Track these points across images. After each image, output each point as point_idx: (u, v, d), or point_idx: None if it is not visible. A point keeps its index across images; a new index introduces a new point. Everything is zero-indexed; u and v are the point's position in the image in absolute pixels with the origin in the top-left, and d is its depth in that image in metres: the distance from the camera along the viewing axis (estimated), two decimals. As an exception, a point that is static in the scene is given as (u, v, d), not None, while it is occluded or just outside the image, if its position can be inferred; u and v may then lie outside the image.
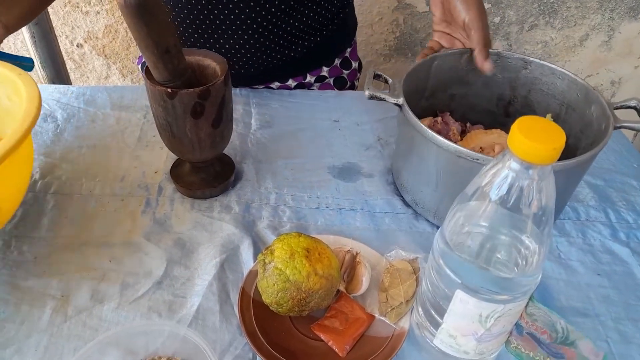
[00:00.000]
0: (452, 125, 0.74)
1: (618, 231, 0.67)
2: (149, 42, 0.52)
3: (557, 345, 0.43)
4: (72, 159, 0.73)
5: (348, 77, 0.97)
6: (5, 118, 0.61)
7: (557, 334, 0.43)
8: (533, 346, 0.46)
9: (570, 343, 0.43)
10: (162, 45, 0.53)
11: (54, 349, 0.51)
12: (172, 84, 0.56)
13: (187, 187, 0.67)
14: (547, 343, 0.44)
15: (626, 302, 0.58)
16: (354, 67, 0.97)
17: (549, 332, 0.43)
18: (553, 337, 0.43)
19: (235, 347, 0.52)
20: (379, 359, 0.50)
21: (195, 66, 0.61)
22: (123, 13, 0.49)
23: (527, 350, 0.46)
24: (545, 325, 0.43)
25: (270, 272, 0.50)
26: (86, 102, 0.83)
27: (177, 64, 0.55)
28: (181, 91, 0.56)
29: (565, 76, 0.68)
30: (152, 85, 0.56)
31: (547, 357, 0.45)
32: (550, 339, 0.44)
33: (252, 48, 0.83)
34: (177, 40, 0.55)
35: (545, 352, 0.45)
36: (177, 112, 0.57)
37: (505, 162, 0.37)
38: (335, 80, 0.95)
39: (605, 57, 1.54)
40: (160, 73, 0.55)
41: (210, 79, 0.59)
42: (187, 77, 0.57)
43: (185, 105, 0.57)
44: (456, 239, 0.42)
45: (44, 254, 0.60)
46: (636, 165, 0.78)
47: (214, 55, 0.62)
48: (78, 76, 1.52)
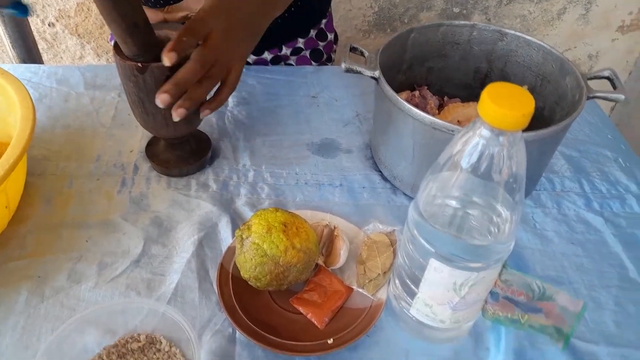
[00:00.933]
0: (430, 99, 0.74)
1: (592, 201, 0.68)
2: (115, 15, 0.51)
3: (535, 302, 0.44)
4: (45, 139, 0.72)
5: (324, 49, 0.96)
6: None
7: (533, 292, 0.44)
8: (510, 308, 0.47)
9: (548, 297, 0.43)
10: (129, 19, 0.52)
11: (31, 329, 0.51)
12: (143, 59, 0.55)
13: (163, 165, 0.66)
14: (524, 302, 0.45)
15: (599, 270, 0.60)
16: (330, 39, 0.97)
17: (525, 292, 0.44)
18: (530, 297, 0.44)
19: (215, 323, 0.52)
20: (357, 330, 0.50)
21: (165, 41, 0.59)
22: None
23: (504, 312, 0.47)
24: (521, 287, 0.44)
25: (248, 247, 0.50)
26: (58, 82, 0.81)
27: (146, 38, 0.54)
28: (152, 65, 0.55)
29: (540, 48, 0.69)
30: (122, 60, 0.55)
31: (525, 315, 0.46)
32: (527, 298, 0.44)
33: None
34: (144, 14, 0.54)
35: (523, 311, 0.46)
36: (148, 87, 0.56)
37: (476, 130, 0.37)
38: (311, 52, 0.95)
39: (583, 31, 1.55)
40: (129, 48, 0.54)
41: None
42: (157, 52, 0.56)
43: (157, 80, 0.55)
44: (430, 209, 0.42)
45: (19, 235, 0.59)
46: (610, 137, 0.79)
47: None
48: (51, 57, 1.48)
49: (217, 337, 0.51)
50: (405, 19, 1.47)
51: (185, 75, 0.55)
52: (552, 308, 0.44)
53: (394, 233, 0.58)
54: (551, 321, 0.45)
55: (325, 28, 0.95)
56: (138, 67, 0.55)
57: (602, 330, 0.54)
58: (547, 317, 0.45)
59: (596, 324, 0.54)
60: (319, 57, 0.96)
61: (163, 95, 0.54)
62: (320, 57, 0.96)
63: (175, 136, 0.65)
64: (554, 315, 0.45)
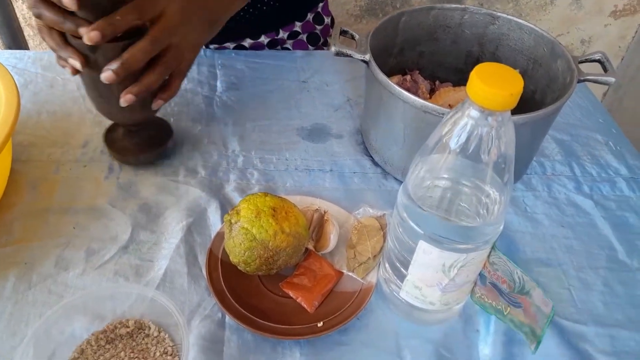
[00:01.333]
0: (421, 83, 0.73)
1: (582, 184, 0.68)
2: None
3: (515, 294, 0.44)
4: (31, 125, 0.71)
5: (321, 32, 0.96)
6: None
7: (514, 283, 0.44)
8: (495, 296, 0.47)
9: (526, 292, 0.44)
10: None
11: (19, 315, 0.51)
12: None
13: (120, 153, 0.64)
14: (507, 292, 0.45)
15: (588, 251, 0.60)
16: (327, 23, 0.96)
17: (508, 281, 0.44)
18: (511, 287, 0.44)
19: (204, 308, 0.52)
20: (347, 313, 0.50)
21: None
22: None
23: (490, 300, 0.47)
24: (505, 274, 0.44)
25: (237, 231, 0.50)
26: (44, 68, 0.80)
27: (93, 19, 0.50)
28: (103, 44, 0.51)
29: (532, 31, 0.68)
30: (73, 38, 0.53)
31: (508, 306, 0.46)
32: (509, 288, 0.44)
33: None
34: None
35: (506, 302, 0.46)
36: (101, 68, 0.53)
37: (464, 111, 0.36)
38: (308, 36, 0.94)
39: (576, 16, 1.54)
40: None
41: (141, 32, 0.54)
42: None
43: (110, 61, 0.53)
44: (419, 192, 0.42)
45: (5, 221, 0.58)
46: (601, 120, 0.79)
47: None
48: (37, 43, 1.46)
49: (207, 322, 0.51)
50: (397, 4, 1.46)
51: (134, 54, 0.51)
52: (528, 305, 0.44)
53: (384, 217, 0.57)
54: (528, 320, 0.45)
55: (322, 12, 0.95)
56: (89, 46, 0.51)
57: (590, 311, 0.54)
58: (525, 314, 0.45)
59: (584, 304, 0.55)
60: (316, 41, 0.95)
61: (108, 73, 0.51)
62: (317, 40, 0.96)
63: (132, 122, 0.63)
64: (530, 314, 0.45)
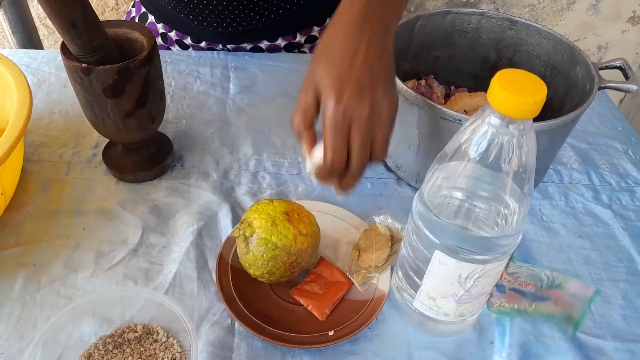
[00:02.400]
0: (436, 88, 0.72)
1: (600, 194, 0.67)
2: (50, 13, 0.48)
3: (543, 291, 0.43)
4: (43, 125, 0.71)
5: None
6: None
7: (542, 282, 0.42)
8: (517, 299, 0.45)
9: (557, 285, 0.42)
10: (65, 18, 0.48)
11: (27, 317, 0.50)
12: (90, 58, 0.52)
13: (117, 170, 0.63)
14: (532, 292, 0.44)
15: (607, 263, 0.58)
16: None
17: (534, 283, 0.42)
18: (538, 286, 0.43)
19: (214, 314, 0.51)
20: (358, 322, 0.49)
21: (123, 39, 0.57)
22: None
23: (511, 304, 0.46)
24: (529, 278, 0.43)
25: (256, 244, 0.49)
26: (57, 67, 0.80)
27: (86, 39, 0.50)
28: (97, 68, 0.51)
29: (551, 36, 0.67)
30: (66, 59, 0.52)
31: (532, 304, 0.45)
32: (535, 288, 0.43)
33: (240, 4, 0.81)
34: (89, 14, 0.50)
35: (531, 300, 0.44)
36: (95, 91, 0.53)
37: (484, 118, 0.35)
38: None
39: (593, 21, 1.52)
40: (71, 47, 0.51)
41: (138, 54, 0.54)
42: (106, 52, 0.53)
43: (104, 83, 0.52)
44: (435, 200, 0.41)
45: (15, 222, 0.58)
46: (620, 128, 0.77)
47: (142, 27, 0.57)
48: (52, 43, 1.47)
49: (216, 328, 0.50)
50: (412, 7, 1.45)
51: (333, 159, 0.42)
52: (560, 296, 0.43)
53: (401, 231, 0.56)
54: (559, 308, 0.44)
55: None
56: (82, 69, 0.51)
57: (609, 324, 0.53)
58: (555, 304, 0.44)
59: (603, 318, 0.53)
60: None
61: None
62: None
63: (129, 141, 0.62)
64: (562, 303, 0.43)
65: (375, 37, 0.43)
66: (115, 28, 0.57)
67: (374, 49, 0.43)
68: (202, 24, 0.84)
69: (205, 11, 0.82)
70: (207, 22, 0.83)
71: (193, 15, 0.83)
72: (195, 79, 0.79)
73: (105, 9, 1.41)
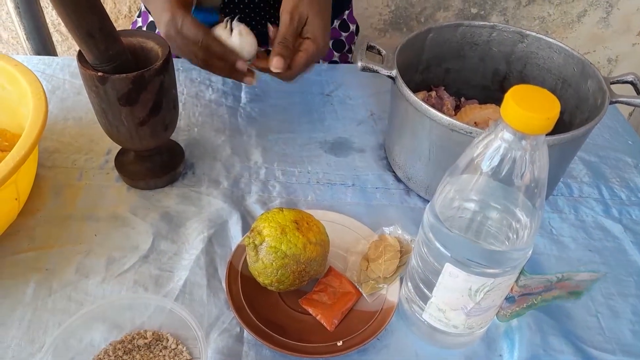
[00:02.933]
0: (447, 99, 0.72)
1: (611, 207, 0.66)
2: (68, 22, 0.49)
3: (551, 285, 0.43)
4: (57, 131, 0.72)
5: (346, 39, 0.96)
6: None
7: (552, 282, 0.43)
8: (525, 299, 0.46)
9: (566, 279, 0.43)
10: (82, 28, 0.49)
11: (38, 322, 0.51)
12: (105, 67, 0.53)
13: (129, 177, 0.64)
14: (540, 291, 0.44)
15: (617, 277, 0.58)
16: (352, 30, 0.97)
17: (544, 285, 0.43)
18: (548, 285, 0.43)
19: (223, 322, 0.51)
20: (367, 332, 0.49)
21: (138, 49, 0.58)
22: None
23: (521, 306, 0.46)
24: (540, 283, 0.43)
25: (265, 252, 0.49)
26: (71, 74, 0.81)
27: (103, 49, 0.52)
28: (112, 77, 0.52)
29: (562, 50, 0.67)
30: (83, 68, 0.53)
31: (538, 297, 0.45)
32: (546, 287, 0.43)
33: (256, 7, 0.82)
34: (106, 24, 0.51)
35: (539, 294, 0.45)
36: (110, 99, 0.54)
37: (497, 133, 0.36)
38: (334, 43, 0.95)
39: (603, 34, 1.52)
40: (87, 56, 0.52)
41: (153, 63, 0.55)
42: (122, 61, 0.54)
43: (118, 92, 0.53)
44: (446, 212, 0.41)
45: (28, 227, 0.59)
46: (631, 142, 0.77)
47: (156, 37, 0.58)
48: (65, 49, 1.48)
49: (225, 336, 0.50)
50: (422, 19, 1.46)
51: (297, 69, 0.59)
52: (565, 285, 0.43)
53: (410, 243, 0.56)
54: (565, 289, 0.44)
55: (348, 19, 0.96)
56: (98, 77, 0.52)
57: (618, 339, 0.52)
58: (560, 289, 0.45)
59: (613, 333, 0.53)
60: (341, 48, 0.96)
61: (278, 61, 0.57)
62: (342, 47, 0.96)
63: (142, 149, 0.62)
64: (568, 286, 0.44)
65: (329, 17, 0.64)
66: (131, 37, 0.58)
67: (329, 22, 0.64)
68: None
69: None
70: None
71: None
72: (207, 87, 0.80)
73: (119, 17, 1.43)
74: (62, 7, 0.48)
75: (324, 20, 0.61)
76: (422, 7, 1.43)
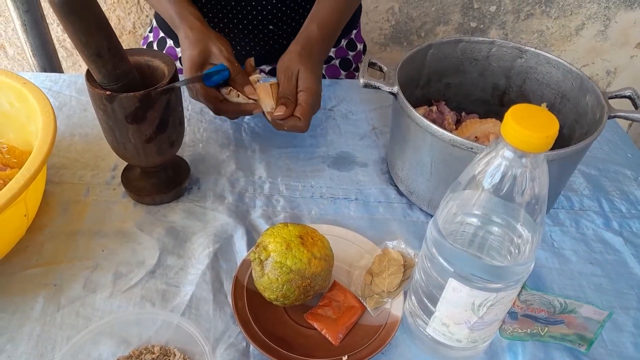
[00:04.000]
0: (447, 114, 0.74)
1: (611, 220, 0.67)
2: (77, 42, 0.50)
3: (556, 316, 0.44)
4: (64, 147, 0.73)
5: (353, 58, 0.98)
6: (6, 122, 0.65)
7: (555, 308, 0.43)
8: (529, 324, 0.46)
9: (570, 311, 0.43)
10: (91, 48, 0.50)
11: (46, 337, 0.51)
12: (113, 86, 0.54)
13: (136, 193, 0.64)
14: (544, 317, 0.44)
15: (618, 290, 0.59)
16: (359, 49, 0.99)
17: (547, 309, 0.43)
18: (551, 312, 0.44)
19: (229, 336, 0.52)
20: (372, 347, 0.50)
21: (144, 67, 0.59)
22: (53, 10, 0.48)
23: (524, 329, 0.47)
24: (542, 305, 0.43)
25: (271, 267, 0.50)
26: (78, 91, 0.82)
27: (111, 68, 0.53)
28: (120, 95, 0.53)
29: (560, 65, 0.68)
30: (91, 87, 0.54)
31: (545, 327, 0.46)
32: (548, 314, 0.44)
33: (265, 28, 0.85)
34: (114, 43, 0.52)
35: (544, 324, 0.45)
36: (117, 117, 0.55)
37: (498, 151, 0.36)
38: (341, 61, 0.97)
39: (601, 47, 1.53)
40: (96, 75, 0.54)
41: (159, 81, 0.56)
42: (130, 80, 0.55)
43: (126, 110, 0.54)
44: (449, 227, 0.42)
45: (36, 242, 0.60)
46: (630, 155, 0.78)
47: (162, 56, 0.60)
48: (70, 64, 1.50)
49: (231, 351, 0.51)
50: (422, 33, 1.48)
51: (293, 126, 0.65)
52: (572, 320, 0.44)
53: (414, 257, 0.57)
54: (573, 330, 0.45)
55: (355, 38, 0.97)
56: (106, 96, 0.53)
57: (620, 352, 0.53)
58: (568, 327, 0.45)
59: (614, 346, 0.53)
60: (348, 67, 0.98)
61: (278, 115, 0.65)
62: (349, 66, 0.98)
63: (148, 165, 0.63)
64: (575, 325, 0.44)
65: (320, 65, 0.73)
66: (137, 56, 0.59)
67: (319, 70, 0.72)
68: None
69: (230, 34, 0.85)
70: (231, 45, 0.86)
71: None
72: (211, 103, 0.81)
73: (123, 32, 1.45)
74: (72, 28, 0.49)
75: (315, 73, 0.68)
76: (422, 22, 1.45)
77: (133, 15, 1.41)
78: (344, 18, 0.78)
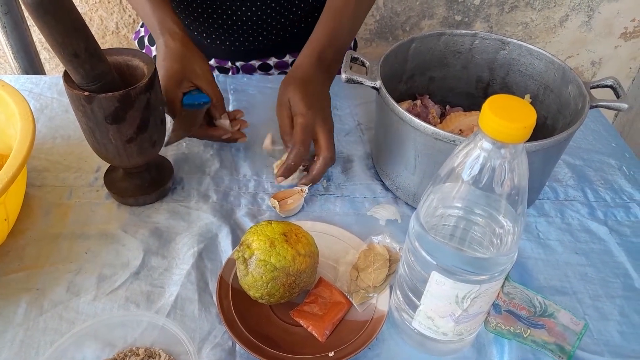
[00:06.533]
0: (432, 108, 0.73)
1: (596, 210, 0.67)
2: (53, 43, 0.49)
3: (536, 318, 0.44)
4: (45, 149, 0.72)
5: None
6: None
7: (535, 308, 0.43)
8: (513, 321, 0.46)
9: (549, 315, 0.43)
10: (68, 49, 0.50)
11: (29, 342, 0.51)
12: (92, 86, 0.53)
13: (119, 194, 0.64)
14: (526, 317, 0.44)
15: (603, 279, 0.59)
16: (350, 47, 0.97)
17: (527, 307, 0.43)
18: (532, 312, 0.44)
19: (215, 336, 0.52)
20: (358, 342, 0.50)
21: (124, 67, 0.58)
22: (27, 11, 0.47)
23: (507, 326, 0.47)
24: (523, 302, 0.43)
25: (255, 265, 0.49)
26: (59, 93, 0.81)
27: (88, 68, 0.52)
28: (99, 96, 0.52)
29: (542, 56, 0.68)
30: (69, 88, 0.53)
31: (527, 329, 0.46)
32: (529, 313, 0.44)
33: (254, 24, 0.84)
34: (91, 44, 0.51)
35: (526, 325, 0.45)
36: (97, 118, 0.54)
37: (477, 142, 0.36)
38: None
39: (586, 38, 1.54)
40: (74, 76, 0.53)
41: (139, 80, 0.55)
42: (108, 80, 0.54)
43: (105, 111, 0.54)
44: (431, 220, 0.42)
45: (18, 246, 0.59)
46: (614, 144, 0.78)
47: (142, 55, 0.59)
48: (53, 66, 1.48)
49: (217, 351, 0.51)
50: (407, 27, 1.47)
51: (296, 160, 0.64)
52: (553, 326, 0.44)
53: (399, 251, 0.57)
54: (553, 338, 0.45)
55: None
56: (85, 97, 0.53)
57: (606, 341, 0.53)
58: (549, 333, 0.45)
59: (601, 335, 0.54)
60: None
61: (280, 179, 0.65)
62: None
63: (130, 166, 0.62)
64: (555, 333, 0.44)
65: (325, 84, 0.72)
66: (116, 55, 0.58)
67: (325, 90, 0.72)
68: (215, 42, 0.87)
69: (220, 30, 0.85)
70: (221, 40, 0.86)
71: (207, 34, 0.86)
72: (194, 102, 0.81)
73: (106, 33, 1.43)
74: (47, 28, 0.48)
75: (305, 98, 0.65)
76: (407, 16, 1.44)
77: (116, 16, 1.40)
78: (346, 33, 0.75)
